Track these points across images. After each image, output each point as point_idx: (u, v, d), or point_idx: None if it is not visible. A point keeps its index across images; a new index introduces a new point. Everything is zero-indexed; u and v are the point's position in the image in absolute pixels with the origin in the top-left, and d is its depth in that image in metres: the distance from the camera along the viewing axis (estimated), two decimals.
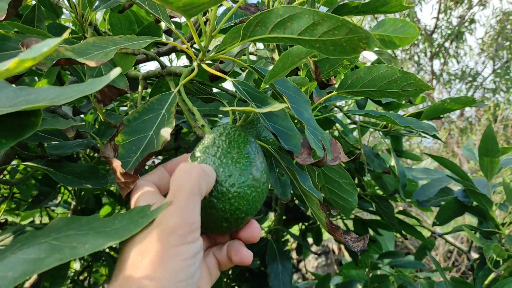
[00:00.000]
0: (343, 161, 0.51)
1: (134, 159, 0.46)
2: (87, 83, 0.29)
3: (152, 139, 0.47)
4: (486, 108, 6.37)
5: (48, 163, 0.69)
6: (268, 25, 0.45)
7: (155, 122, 0.48)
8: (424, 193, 1.33)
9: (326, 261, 3.80)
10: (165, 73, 0.64)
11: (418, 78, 0.56)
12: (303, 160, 0.49)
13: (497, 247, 0.96)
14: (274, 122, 0.53)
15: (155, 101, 0.50)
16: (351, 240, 0.46)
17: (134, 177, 0.43)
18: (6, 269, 0.30)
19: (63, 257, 0.32)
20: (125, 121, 0.47)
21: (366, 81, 0.61)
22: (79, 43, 0.47)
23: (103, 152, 0.45)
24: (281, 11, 0.43)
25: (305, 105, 0.56)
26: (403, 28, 0.99)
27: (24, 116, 0.32)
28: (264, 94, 0.54)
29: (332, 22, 0.41)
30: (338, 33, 0.41)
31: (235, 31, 0.48)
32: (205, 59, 0.54)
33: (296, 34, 0.44)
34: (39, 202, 1.19)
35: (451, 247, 3.59)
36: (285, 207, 1.44)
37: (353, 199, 0.74)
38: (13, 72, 0.23)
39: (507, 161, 1.29)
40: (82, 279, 1.77)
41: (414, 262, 1.50)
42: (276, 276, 1.11)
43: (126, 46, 0.49)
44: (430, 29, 7.07)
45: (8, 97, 0.28)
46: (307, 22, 0.42)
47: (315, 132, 0.53)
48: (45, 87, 0.29)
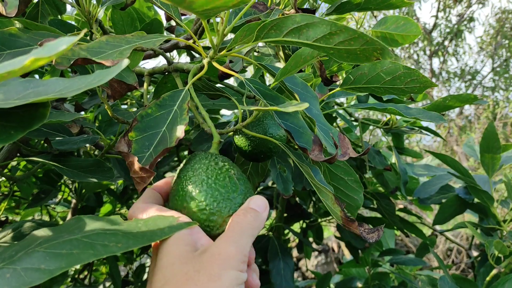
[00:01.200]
0: (352, 156, 0.52)
1: (148, 154, 0.46)
2: (95, 75, 0.29)
3: (165, 135, 0.47)
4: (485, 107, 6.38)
5: (54, 157, 0.69)
6: (283, 29, 0.45)
7: (167, 118, 0.48)
8: (425, 190, 1.33)
9: (326, 260, 3.80)
10: (171, 69, 0.64)
11: (422, 75, 0.56)
12: (316, 157, 0.49)
13: (499, 244, 0.96)
14: (286, 120, 0.53)
15: (167, 97, 0.50)
16: (365, 231, 0.47)
17: (150, 172, 0.44)
18: (38, 262, 0.32)
19: (97, 254, 0.34)
20: (138, 116, 0.48)
21: (370, 77, 0.60)
22: (92, 42, 0.47)
23: (117, 146, 0.45)
24: (298, 18, 0.44)
25: (313, 101, 0.56)
26: (405, 26, 0.99)
27: (33, 108, 0.32)
28: (274, 92, 0.54)
29: (349, 33, 0.42)
30: (354, 43, 0.43)
31: (246, 30, 0.48)
32: (216, 57, 0.54)
33: (311, 41, 0.44)
34: (40, 200, 1.19)
35: (451, 245, 3.60)
36: (286, 205, 1.44)
37: (358, 197, 0.74)
38: (27, 70, 0.23)
39: (508, 158, 1.30)
40: (82, 278, 1.76)
41: (414, 259, 1.50)
42: (278, 272, 1.12)
43: (140, 44, 0.49)
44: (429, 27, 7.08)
45: (16, 90, 0.28)
46: (324, 32, 0.43)
47: (324, 128, 0.53)
48: (53, 79, 0.29)
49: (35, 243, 0.34)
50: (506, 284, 0.95)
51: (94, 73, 0.30)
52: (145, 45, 0.50)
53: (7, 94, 0.28)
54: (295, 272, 3.51)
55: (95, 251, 0.34)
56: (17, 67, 0.23)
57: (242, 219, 0.43)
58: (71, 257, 0.33)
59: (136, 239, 0.37)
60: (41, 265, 0.32)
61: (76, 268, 1.79)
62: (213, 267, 0.38)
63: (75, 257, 0.33)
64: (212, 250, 0.39)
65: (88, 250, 0.34)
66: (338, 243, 3.83)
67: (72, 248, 0.34)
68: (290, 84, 0.56)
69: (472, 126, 6.73)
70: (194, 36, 0.55)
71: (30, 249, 0.33)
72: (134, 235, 0.37)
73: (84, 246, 0.34)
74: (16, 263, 0.32)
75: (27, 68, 0.23)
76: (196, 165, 0.48)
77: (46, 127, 0.70)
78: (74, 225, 0.37)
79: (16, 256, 0.33)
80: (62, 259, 0.32)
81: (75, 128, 0.70)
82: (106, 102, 0.58)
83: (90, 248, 0.34)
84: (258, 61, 0.66)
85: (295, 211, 1.46)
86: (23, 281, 0.30)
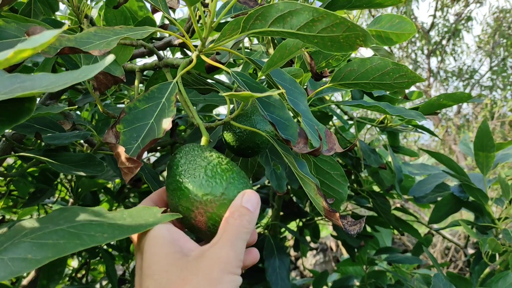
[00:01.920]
0: (337, 152, 0.52)
1: (136, 146, 0.46)
2: (81, 70, 0.29)
3: (153, 127, 0.47)
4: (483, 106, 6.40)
5: (45, 153, 0.69)
6: (268, 19, 0.45)
7: (155, 111, 0.49)
8: (420, 189, 1.33)
9: (324, 259, 3.81)
10: (162, 64, 0.64)
11: (410, 70, 0.57)
12: (300, 149, 0.50)
13: (493, 241, 0.97)
14: (272, 112, 0.54)
15: (155, 90, 0.50)
16: (348, 224, 0.47)
17: (137, 162, 0.44)
18: (25, 252, 0.32)
19: (83, 243, 0.34)
20: (126, 108, 0.48)
21: (359, 73, 0.61)
22: (80, 33, 0.48)
23: (105, 138, 0.46)
24: (282, 6, 0.44)
25: (301, 97, 0.57)
26: (399, 25, 1.00)
27: (19, 103, 0.32)
28: (261, 85, 0.55)
29: (330, 19, 0.42)
30: (336, 30, 0.43)
31: (234, 23, 0.49)
32: (204, 50, 0.55)
33: (295, 29, 0.45)
34: (36, 199, 1.19)
35: (449, 244, 3.60)
36: (282, 203, 1.44)
37: (343, 190, 0.74)
38: (11, 62, 0.23)
39: (503, 157, 1.30)
40: (80, 277, 1.77)
41: (410, 258, 1.50)
42: (274, 270, 1.12)
43: (127, 35, 0.50)
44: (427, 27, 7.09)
45: (3, 85, 0.28)
46: (306, 18, 0.43)
47: (310, 123, 0.54)
48: (40, 74, 0.29)
49: (21, 234, 0.34)
50: (500, 282, 0.95)
51: (80, 68, 0.30)
52: (132, 36, 0.50)
53: None
54: (293, 271, 3.52)
55: (82, 241, 0.34)
56: (1, 59, 0.23)
57: (238, 222, 0.43)
58: (58, 247, 0.33)
59: (122, 230, 0.37)
60: (27, 255, 0.32)
61: (73, 267, 1.80)
62: (213, 271, 0.38)
63: (61, 247, 0.33)
64: (210, 254, 0.40)
65: (74, 240, 0.34)
66: (336, 242, 3.84)
67: (58, 238, 0.34)
68: (277, 79, 0.57)
69: (470, 125, 6.74)
70: (182, 29, 0.55)
71: (16, 240, 0.33)
72: (120, 226, 0.37)
73: (70, 236, 0.35)
74: (2, 254, 0.32)
75: (11, 60, 0.23)
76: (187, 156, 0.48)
77: (38, 124, 0.70)
78: (59, 216, 0.37)
79: (2, 247, 0.33)
80: (49, 249, 0.33)
81: (67, 124, 0.70)
82: (97, 98, 0.59)
83: (76, 238, 0.34)
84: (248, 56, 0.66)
85: (291, 210, 1.46)
86: (10, 271, 0.31)
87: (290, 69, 0.65)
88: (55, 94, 0.75)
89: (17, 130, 0.69)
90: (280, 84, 0.56)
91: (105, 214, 0.39)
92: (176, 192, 0.46)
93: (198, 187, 0.45)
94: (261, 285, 1.37)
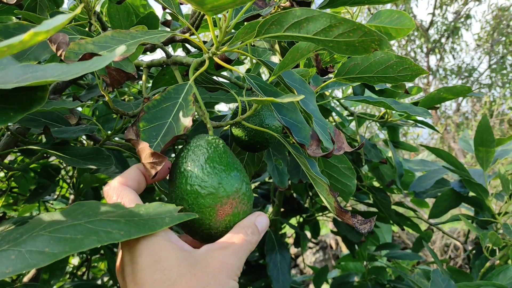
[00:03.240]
0: (347, 151, 0.53)
1: (156, 144, 0.47)
2: (92, 61, 0.30)
3: (172, 126, 0.48)
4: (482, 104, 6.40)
5: (53, 146, 0.70)
6: (284, 24, 0.46)
7: (173, 110, 0.50)
8: (420, 184, 1.34)
9: (324, 256, 3.82)
10: (170, 62, 0.65)
11: (413, 63, 0.58)
12: (313, 152, 0.51)
13: (493, 235, 0.97)
14: (285, 115, 0.54)
15: (172, 90, 0.51)
16: (358, 222, 0.48)
17: (162, 157, 0.45)
18: (43, 246, 0.33)
19: (100, 240, 0.35)
20: (145, 107, 0.49)
21: (363, 67, 0.62)
22: (98, 36, 0.49)
23: (126, 135, 0.46)
24: (299, 13, 0.45)
25: (311, 97, 0.57)
26: (399, 20, 1.00)
27: (32, 91, 0.32)
28: (274, 87, 0.56)
29: (348, 25, 0.43)
30: (352, 35, 0.43)
31: (248, 27, 0.49)
32: (218, 52, 0.55)
33: (311, 34, 0.45)
34: (38, 195, 1.19)
35: (448, 241, 3.62)
36: (283, 199, 1.45)
37: (351, 183, 0.75)
38: (26, 45, 0.24)
39: (503, 152, 1.31)
40: (81, 274, 1.77)
41: (410, 254, 1.51)
42: (275, 265, 1.12)
43: (145, 40, 0.51)
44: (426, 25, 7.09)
45: (15, 74, 0.29)
46: (324, 24, 0.44)
47: (321, 123, 0.55)
48: (52, 64, 0.29)
49: (40, 227, 0.35)
50: (501, 275, 0.96)
51: (91, 59, 0.31)
52: (150, 40, 0.51)
53: (6, 78, 0.28)
54: (293, 269, 3.53)
55: (99, 237, 0.35)
56: (16, 41, 0.23)
57: (250, 239, 0.45)
58: (75, 242, 0.33)
59: (138, 228, 0.38)
60: (45, 248, 0.32)
61: (74, 264, 1.80)
62: (221, 274, 0.41)
63: (79, 242, 0.34)
64: (220, 258, 0.42)
65: (91, 236, 0.35)
66: (336, 240, 3.85)
67: (76, 234, 0.35)
68: (288, 80, 0.57)
69: (469, 123, 6.75)
70: (194, 30, 0.56)
71: (34, 233, 0.34)
72: (136, 223, 0.38)
73: (88, 231, 0.35)
74: (21, 246, 0.33)
75: (26, 43, 0.24)
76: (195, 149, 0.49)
77: (44, 118, 0.71)
78: (78, 210, 0.38)
79: (21, 239, 0.33)
80: (66, 243, 0.33)
81: (74, 119, 0.70)
82: (107, 94, 0.59)
83: (93, 234, 0.35)
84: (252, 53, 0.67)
85: (292, 206, 1.47)
86: (28, 263, 0.31)
87: (298, 70, 0.66)
88: (59, 88, 0.76)
89: (24, 123, 0.69)
90: (290, 84, 0.56)
91: (123, 208, 0.40)
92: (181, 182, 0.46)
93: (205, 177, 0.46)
94: (261, 281, 1.38)
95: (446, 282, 0.89)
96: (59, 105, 0.54)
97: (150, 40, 0.51)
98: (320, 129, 0.53)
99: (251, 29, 0.49)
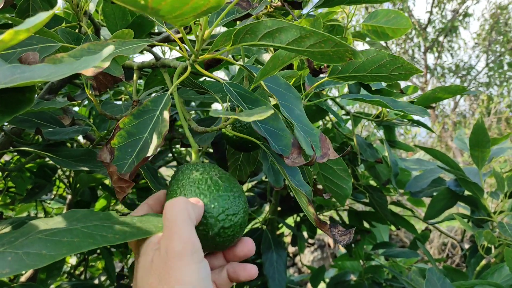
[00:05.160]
0: (331, 158, 0.53)
1: (130, 161, 0.47)
2: (80, 61, 0.30)
3: (147, 141, 0.48)
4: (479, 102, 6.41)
5: (46, 147, 0.70)
6: (257, 34, 0.46)
7: (150, 124, 0.49)
8: (416, 183, 1.34)
9: (322, 255, 3.82)
10: (159, 65, 0.65)
11: (406, 62, 0.58)
12: (293, 162, 0.50)
13: (489, 234, 0.98)
14: (265, 123, 0.53)
15: (149, 103, 0.51)
16: (338, 233, 0.48)
17: (129, 182, 0.45)
18: (40, 248, 0.33)
19: (96, 242, 0.36)
20: (120, 123, 0.48)
21: (356, 66, 0.62)
22: (74, 50, 0.48)
23: (100, 155, 0.46)
24: (269, 23, 0.45)
25: (296, 102, 0.56)
26: (395, 20, 1.01)
27: (20, 93, 0.32)
28: (255, 95, 0.55)
29: (318, 37, 0.43)
30: (324, 46, 0.43)
31: (226, 35, 0.49)
32: (198, 60, 0.55)
33: (285, 44, 0.45)
34: (34, 194, 1.19)
35: (445, 240, 3.62)
36: (279, 198, 1.45)
37: (347, 186, 0.75)
38: (8, 45, 0.24)
39: (499, 151, 1.31)
40: (78, 274, 1.77)
41: (407, 252, 1.51)
42: (271, 264, 1.13)
43: (120, 52, 0.49)
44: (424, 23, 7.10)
45: (3, 75, 0.29)
46: (294, 35, 0.44)
47: (305, 128, 0.54)
48: (40, 65, 0.29)
49: (35, 231, 0.35)
50: (496, 274, 0.96)
51: (79, 59, 0.31)
52: (125, 52, 0.50)
53: None
54: (291, 268, 3.53)
55: (95, 240, 0.36)
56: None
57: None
58: (72, 245, 0.34)
59: (133, 232, 0.39)
60: (42, 251, 0.33)
61: (72, 264, 1.80)
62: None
63: (76, 244, 0.34)
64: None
65: (87, 239, 0.36)
66: None
67: (72, 237, 0.35)
68: (272, 84, 0.56)
69: (466, 121, 6.76)
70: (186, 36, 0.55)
71: (30, 236, 0.34)
72: (131, 229, 0.39)
73: (84, 235, 0.36)
74: (17, 248, 0.33)
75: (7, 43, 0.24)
76: (182, 179, 0.49)
77: (37, 118, 0.70)
78: (72, 217, 0.39)
79: (17, 242, 0.34)
80: (63, 246, 0.34)
81: (67, 119, 0.70)
82: (94, 98, 0.59)
83: (89, 237, 0.36)
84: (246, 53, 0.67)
85: (288, 205, 1.47)
86: (25, 264, 0.32)
87: (286, 72, 0.66)
88: (54, 88, 0.75)
89: (17, 124, 0.69)
90: (274, 89, 0.56)
91: (116, 218, 0.41)
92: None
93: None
94: (257, 280, 1.38)
95: (441, 281, 0.89)
96: (48, 105, 0.54)
97: (126, 52, 0.50)
98: (303, 134, 0.53)
99: (229, 37, 0.49)
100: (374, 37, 1.06)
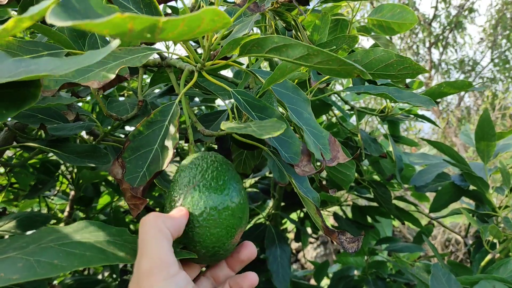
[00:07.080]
0: (341, 162, 0.52)
1: (141, 174, 0.47)
2: (86, 55, 0.29)
3: (157, 153, 0.48)
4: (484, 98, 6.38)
5: (50, 143, 0.70)
6: (264, 47, 0.45)
7: (159, 135, 0.49)
8: (421, 178, 1.34)
9: (325, 251, 3.82)
10: (165, 64, 0.64)
11: (414, 62, 0.57)
12: (303, 171, 0.49)
13: (494, 228, 0.97)
14: None
15: (158, 113, 0.50)
16: (346, 241, 0.47)
17: (143, 200, 0.45)
18: (52, 257, 0.33)
19: (108, 259, 0.36)
20: (130, 136, 0.48)
21: (363, 64, 0.61)
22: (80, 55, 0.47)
23: (111, 170, 0.46)
24: (276, 39, 0.44)
25: (304, 105, 0.56)
26: (401, 14, 1.00)
27: (24, 88, 0.32)
28: (263, 102, 0.54)
29: (325, 56, 0.42)
30: (332, 63, 0.43)
31: (232, 44, 0.48)
32: (204, 68, 0.55)
33: (292, 59, 0.45)
34: (37, 190, 1.19)
35: (449, 236, 3.62)
36: (284, 193, 1.45)
37: (351, 173, 0.76)
38: (11, 33, 0.24)
39: (505, 146, 1.30)
40: (82, 270, 1.78)
41: (411, 246, 1.51)
42: (275, 259, 1.12)
43: (126, 61, 0.48)
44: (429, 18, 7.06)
45: (8, 69, 0.28)
46: (302, 52, 0.43)
47: (314, 131, 0.53)
48: (45, 58, 0.29)
49: (47, 239, 0.35)
50: (501, 268, 0.96)
51: (85, 53, 0.31)
52: (131, 62, 0.49)
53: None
54: (294, 264, 3.53)
55: (107, 257, 0.36)
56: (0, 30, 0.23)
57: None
58: (84, 258, 0.34)
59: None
60: (54, 260, 0.33)
61: None
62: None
63: (87, 258, 0.34)
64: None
65: (100, 255, 0.36)
66: None
67: (85, 250, 0.36)
68: (280, 88, 0.56)
69: (471, 117, 6.73)
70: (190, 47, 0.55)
71: (42, 244, 0.34)
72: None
73: (97, 250, 0.36)
74: (29, 255, 0.33)
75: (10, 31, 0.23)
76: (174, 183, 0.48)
77: (42, 114, 0.70)
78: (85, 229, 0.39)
79: (29, 248, 0.34)
80: (75, 258, 0.34)
81: (71, 115, 0.70)
82: (99, 98, 0.59)
83: (102, 253, 0.36)
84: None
85: (292, 200, 1.47)
86: (35, 272, 0.31)
87: (294, 74, 0.65)
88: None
89: (21, 120, 0.69)
90: (282, 93, 0.55)
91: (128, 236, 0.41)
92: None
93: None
94: (262, 275, 1.38)
95: (446, 276, 0.89)
96: (54, 101, 0.53)
97: (131, 62, 0.49)
98: (313, 138, 0.52)
99: (235, 45, 0.48)
100: (379, 32, 1.05)
